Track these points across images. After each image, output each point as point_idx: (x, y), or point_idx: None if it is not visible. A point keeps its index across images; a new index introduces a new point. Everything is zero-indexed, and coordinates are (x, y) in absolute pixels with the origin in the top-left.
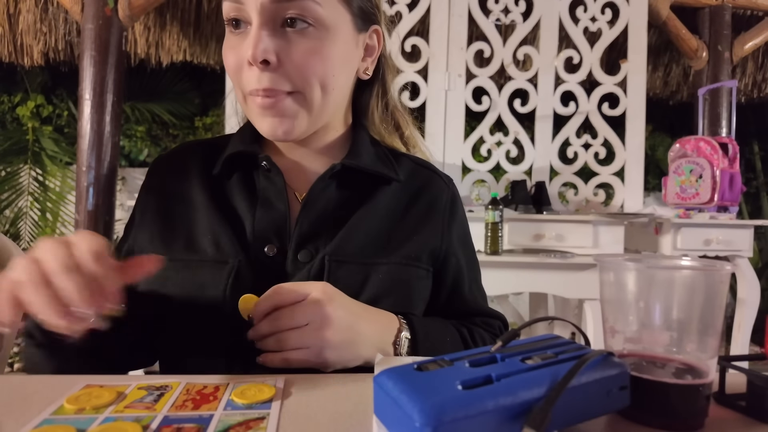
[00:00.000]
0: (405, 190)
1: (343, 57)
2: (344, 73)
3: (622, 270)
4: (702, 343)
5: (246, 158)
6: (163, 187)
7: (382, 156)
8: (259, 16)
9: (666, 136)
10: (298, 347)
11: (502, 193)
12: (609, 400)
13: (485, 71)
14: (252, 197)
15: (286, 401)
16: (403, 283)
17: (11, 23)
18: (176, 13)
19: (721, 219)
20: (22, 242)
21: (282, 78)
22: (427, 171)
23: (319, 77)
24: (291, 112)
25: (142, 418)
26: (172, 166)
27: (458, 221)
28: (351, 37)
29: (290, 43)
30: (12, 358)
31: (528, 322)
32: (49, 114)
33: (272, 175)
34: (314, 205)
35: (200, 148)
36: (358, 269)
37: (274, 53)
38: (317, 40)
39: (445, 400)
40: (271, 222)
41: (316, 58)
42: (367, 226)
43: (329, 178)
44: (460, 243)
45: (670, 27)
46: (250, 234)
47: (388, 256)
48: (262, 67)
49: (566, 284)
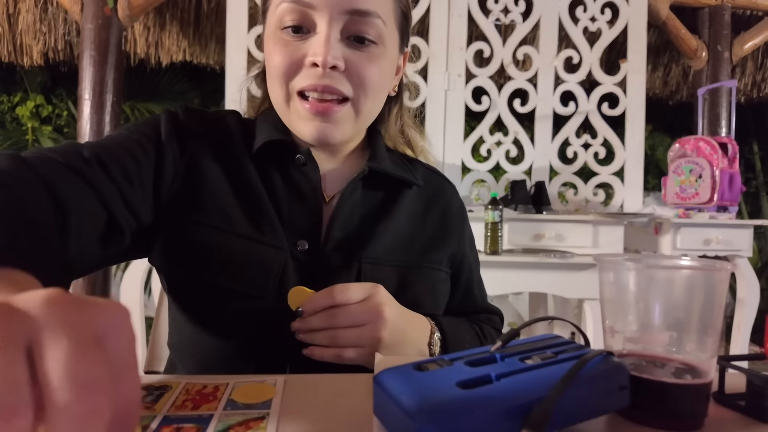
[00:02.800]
0: (422, 195)
1: (390, 73)
2: (387, 88)
3: (622, 270)
4: (702, 343)
5: (278, 149)
6: (200, 143)
7: (399, 161)
8: (330, 24)
9: (666, 136)
10: (354, 346)
11: (501, 193)
12: (609, 400)
13: (485, 71)
14: (286, 187)
15: (286, 401)
16: (433, 286)
17: (11, 23)
18: (176, 13)
19: (721, 219)
20: None
21: (344, 80)
22: (439, 177)
23: (375, 88)
24: (340, 119)
25: (142, 419)
26: (213, 129)
27: (467, 226)
28: (396, 56)
29: (354, 53)
30: None
31: (528, 322)
32: (49, 114)
33: (308, 170)
34: (345, 208)
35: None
36: (393, 272)
37: (342, 60)
38: (377, 54)
39: (444, 399)
40: (305, 216)
41: (375, 70)
42: (393, 230)
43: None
44: (469, 246)
45: (670, 27)
46: (286, 225)
47: (417, 259)
48: (328, 72)
49: (566, 284)
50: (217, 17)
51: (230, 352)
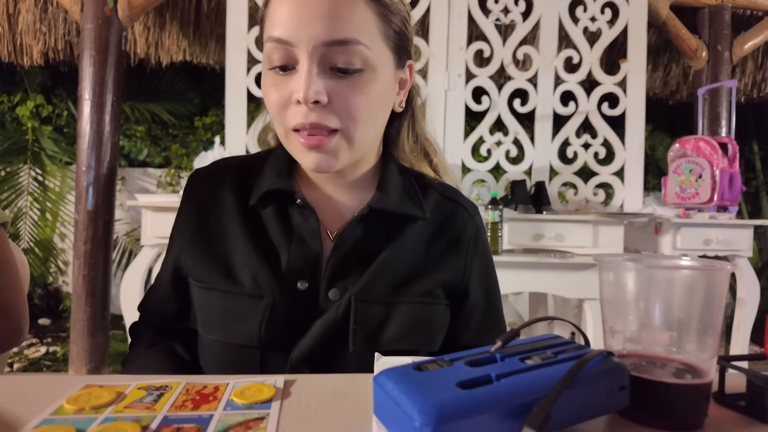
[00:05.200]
0: (430, 225)
1: (385, 95)
2: (384, 110)
3: (622, 270)
4: (702, 343)
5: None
6: (202, 209)
7: (410, 189)
8: (309, 58)
9: (666, 135)
10: None
11: (501, 193)
12: (609, 400)
13: (485, 71)
14: (286, 231)
15: (285, 401)
16: (424, 321)
17: (11, 23)
18: (176, 13)
19: (721, 219)
20: (22, 242)
21: (330, 114)
22: (453, 204)
23: (364, 116)
24: (334, 149)
25: (142, 418)
26: (213, 187)
27: (480, 259)
28: (392, 75)
29: (339, 83)
30: (12, 358)
31: (528, 322)
32: (49, 114)
33: (307, 213)
34: (344, 246)
35: (236, 171)
36: (381, 309)
37: (325, 94)
38: (364, 81)
39: (444, 400)
40: (305, 260)
41: (363, 98)
42: (393, 264)
43: (358, 222)
44: (479, 281)
45: (670, 27)
46: (285, 268)
47: (409, 294)
48: (312, 107)
49: (566, 284)
50: (217, 17)
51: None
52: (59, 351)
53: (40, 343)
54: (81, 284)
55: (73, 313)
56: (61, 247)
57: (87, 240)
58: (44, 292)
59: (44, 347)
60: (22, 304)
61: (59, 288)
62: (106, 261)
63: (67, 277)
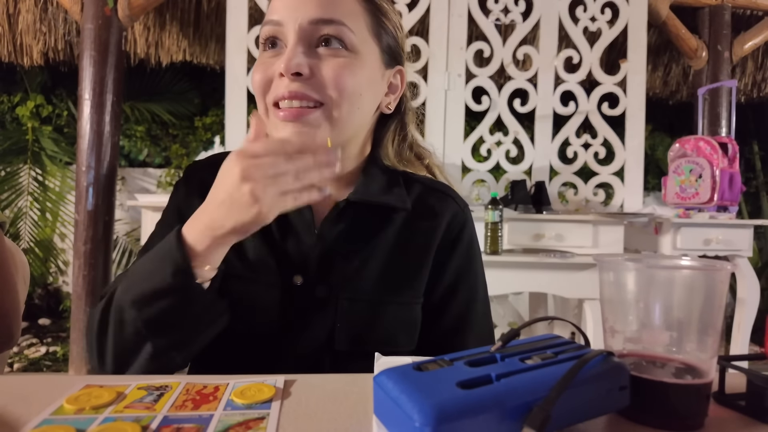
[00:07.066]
0: (412, 218)
1: (369, 80)
2: (369, 96)
3: (622, 270)
4: (702, 343)
5: None
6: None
7: (393, 183)
8: (296, 35)
9: (666, 135)
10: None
11: (501, 193)
12: (609, 400)
13: (485, 71)
14: (284, 224)
15: (285, 401)
16: (411, 322)
17: (11, 23)
18: (176, 13)
19: (721, 219)
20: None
21: (311, 87)
22: (438, 193)
23: (347, 92)
24: (313, 121)
25: (142, 418)
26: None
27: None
28: (378, 68)
29: (322, 59)
30: (12, 358)
31: (528, 322)
32: (49, 114)
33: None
34: (326, 240)
35: None
36: (370, 308)
37: (307, 66)
38: (348, 60)
39: (444, 400)
40: (299, 254)
41: (346, 72)
42: (376, 260)
43: (336, 216)
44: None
45: (670, 27)
46: (283, 261)
47: (395, 294)
48: (293, 78)
49: (566, 284)
50: (217, 17)
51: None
52: (59, 351)
53: (40, 343)
54: (81, 284)
55: (73, 313)
56: (61, 247)
57: (87, 240)
58: (44, 292)
59: (44, 347)
60: (14, 309)
61: (59, 288)
62: (106, 261)
63: (67, 277)
